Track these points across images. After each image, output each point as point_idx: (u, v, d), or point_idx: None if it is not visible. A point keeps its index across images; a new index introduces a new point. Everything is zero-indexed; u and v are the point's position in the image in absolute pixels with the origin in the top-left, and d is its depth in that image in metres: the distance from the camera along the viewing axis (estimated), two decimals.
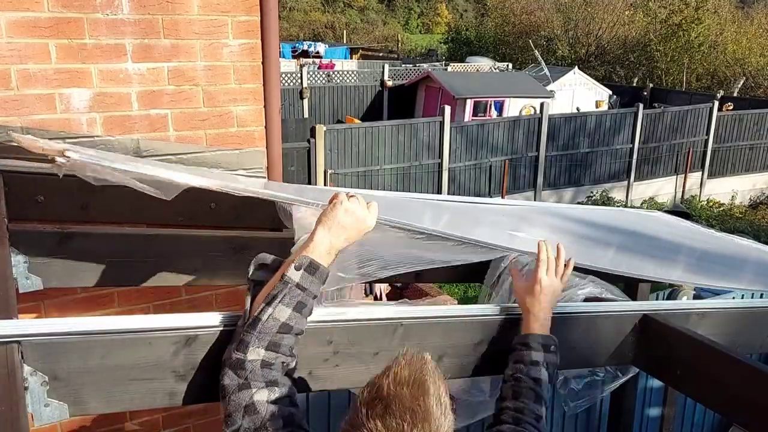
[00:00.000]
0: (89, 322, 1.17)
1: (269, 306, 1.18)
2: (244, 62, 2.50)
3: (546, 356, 1.44)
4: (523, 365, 1.43)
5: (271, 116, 2.60)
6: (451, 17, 53.53)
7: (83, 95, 2.25)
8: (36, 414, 1.12)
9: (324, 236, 1.27)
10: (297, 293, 1.20)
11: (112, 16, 2.23)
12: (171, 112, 2.41)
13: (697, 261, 2.22)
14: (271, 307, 1.17)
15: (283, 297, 1.18)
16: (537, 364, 1.42)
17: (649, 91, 20.65)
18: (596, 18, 30.61)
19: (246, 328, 1.18)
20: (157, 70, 2.35)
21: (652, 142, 14.69)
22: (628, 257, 2.02)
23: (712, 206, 15.00)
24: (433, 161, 12.67)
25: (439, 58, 32.67)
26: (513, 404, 1.38)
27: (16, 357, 1.08)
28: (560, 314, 1.59)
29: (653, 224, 2.61)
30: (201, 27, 2.39)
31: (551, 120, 13.64)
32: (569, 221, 2.32)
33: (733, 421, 1.61)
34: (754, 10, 34.24)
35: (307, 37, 40.29)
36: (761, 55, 26.12)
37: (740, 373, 1.47)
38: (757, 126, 15.60)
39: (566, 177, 14.12)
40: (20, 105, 2.15)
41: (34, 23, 2.12)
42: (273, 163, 2.64)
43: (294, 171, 10.87)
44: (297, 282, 1.20)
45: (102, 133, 2.30)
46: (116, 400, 1.19)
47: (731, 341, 1.78)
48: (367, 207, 1.35)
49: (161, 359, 1.21)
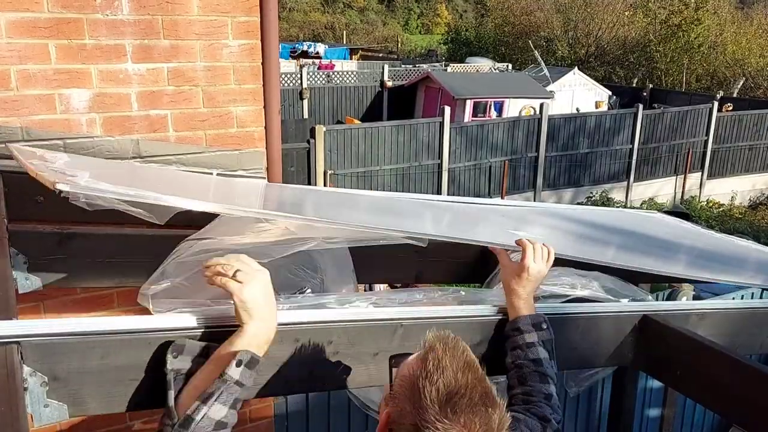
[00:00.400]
0: (89, 323, 1.17)
1: (204, 405, 1.09)
2: (244, 63, 2.50)
3: (539, 334, 1.45)
4: (520, 350, 1.44)
5: (270, 117, 2.60)
6: (451, 18, 53.55)
7: (83, 96, 2.25)
8: (35, 414, 1.12)
9: (258, 326, 1.17)
10: (235, 390, 1.12)
11: (112, 17, 2.23)
12: (171, 112, 2.41)
13: (696, 259, 2.22)
14: (206, 406, 1.09)
15: (220, 395, 1.10)
16: (533, 345, 1.44)
17: (649, 92, 20.66)
18: (596, 18, 30.63)
19: (176, 429, 1.09)
20: (156, 71, 2.35)
21: (651, 142, 14.70)
22: (628, 255, 2.03)
23: (712, 207, 15.01)
24: (433, 162, 12.67)
25: (439, 58, 32.68)
26: (521, 389, 1.40)
27: (16, 357, 1.07)
28: (560, 314, 1.59)
29: (653, 225, 2.62)
30: (201, 27, 2.39)
31: (551, 120, 13.65)
32: (570, 222, 2.33)
33: (732, 422, 1.61)
34: (753, 10, 34.28)
35: (307, 38, 40.30)
36: (761, 55, 26.14)
37: (740, 373, 1.47)
38: (757, 126, 15.61)
39: (566, 177, 14.13)
40: (20, 105, 2.15)
41: (34, 24, 2.12)
42: (273, 164, 2.64)
43: (294, 171, 10.87)
44: (236, 379, 1.12)
45: (102, 134, 2.30)
46: (116, 401, 1.19)
47: (731, 342, 1.78)
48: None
49: (161, 359, 1.21)
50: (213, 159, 2.51)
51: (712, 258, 2.26)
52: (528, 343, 1.44)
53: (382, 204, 2.39)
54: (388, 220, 2.01)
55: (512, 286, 1.51)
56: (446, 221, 2.16)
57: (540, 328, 1.46)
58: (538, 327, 1.46)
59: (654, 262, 2.00)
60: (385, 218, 2.04)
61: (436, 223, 2.07)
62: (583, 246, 2.08)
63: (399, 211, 2.17)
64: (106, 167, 2.11)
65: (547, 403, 1.36)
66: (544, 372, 1.41)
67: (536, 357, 1.42)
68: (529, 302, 1.50)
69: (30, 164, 1.46)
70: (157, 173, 2.27)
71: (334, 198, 2.47)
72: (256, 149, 2.60)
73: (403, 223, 1.99)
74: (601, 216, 2.61)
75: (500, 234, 1.93)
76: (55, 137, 2.21)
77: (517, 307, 1.49)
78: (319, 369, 1.36)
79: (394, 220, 2.03)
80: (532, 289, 1.51)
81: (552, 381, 1.41)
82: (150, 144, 2.38)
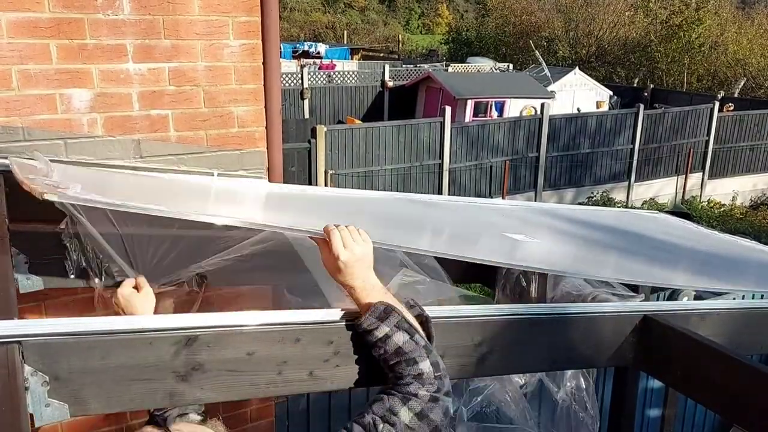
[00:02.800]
0: (90, 322, 1.17)
1: None
2: (245, 63, 2.50)
3: (389, 323, 1.31)
4: (377, 348, 1.31)
5: (271, 117, 2.60)
6: (452, 18, 53.55)
7: (84, 95, 2.25)
8: (36, 414, 1.12)
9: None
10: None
11: (113, 17, 2.23)
12: (172, 112, 2.42)
13: (702, 266, 2.22)
14: None
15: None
16: (388, 338, 1.30)
17: (650, 92, 20.65)
18: (597, 19, 30.62)
19: None
20: (157, 71, 2.36)
21: (652, 142, 14.69)
22: (632, 263, 2.02)
23: (713, 207, 14.99)
24: (434, 162, 12.67)
25: (440, 58, 32.69)
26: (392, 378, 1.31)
27: (17, 357, 1.08)
28: (560, 314, 1.59)
29: (657, 225, 2.62)
30: (202, 27, 2.39)
31: (552, 121, 13.64)
32: (571, 224, 2.33)
33: (733, 422, 1.61)
34: (754, 10, 34.24)
35: (308, 38, 40.32)
36: (762, 55, 26.11)
37: (741, 373, 1.47)
38: (758, 127, 15.60)
39: (567, 178, 14.12)
40: (21, 105, 2.15)
41: (35, 23, 2.12)
42: (273, 164, 2.64)
43: (295, 171, 10.87)
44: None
45: (103, 134, 2.30)
46: (117, 401, 1.19)
47: (732, 342, 1.78)
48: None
49: (162, 359, 1.21)
50: (214, 159, 2.51)
51: (718, 265, 2.25)
52: (381, 338, 1.30)
53: (385, 210, 2.38)
54: (391, 233, 1.98)
55: (340, 280, 1.38)
56: (445, 235, 2.16)
57: (386, 318, 1.31)
58: (384, 318, 1.31)
59: (659, 271, 1.99)
60: (388, 231, 2.02)
61: (435, 240, 2.06)
62: (587, 252, 2.07)
63: (398, 219, 2.16)
64: (101, 181, 2.11)
65: (418, 381, 1.27)
66: (410, 356, 1.29)
67: (396, 346, 1.29)
68: (367, 291, 1.35)
69: (25, 178, 1.48)
70: (152, 183, 2.26)
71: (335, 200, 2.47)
72: (257, 149, 2.60)
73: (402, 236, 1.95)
74: (604, 217, 2.60)
75: (500, 247, 1.93)
76: (56, 137, 2.21)
77: (358, 302, 1.36)
78: (319, 369, 1.36)
79: (395, 232, 2.00)
80: (363, 275, 1.37)
81: (425, 354, 1.30)
82: (151, 144, 2.38)
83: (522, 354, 1.59)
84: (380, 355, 1.32)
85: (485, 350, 1.52)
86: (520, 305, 1.60)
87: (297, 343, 1.32)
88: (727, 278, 2.14)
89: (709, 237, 2.55)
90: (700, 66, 26.74)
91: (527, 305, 1.60)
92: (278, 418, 3.27)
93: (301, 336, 1.32)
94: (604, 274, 1.82)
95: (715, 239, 2.53)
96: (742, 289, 2.08)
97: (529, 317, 1.57)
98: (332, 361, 1.36)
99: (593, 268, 1.85)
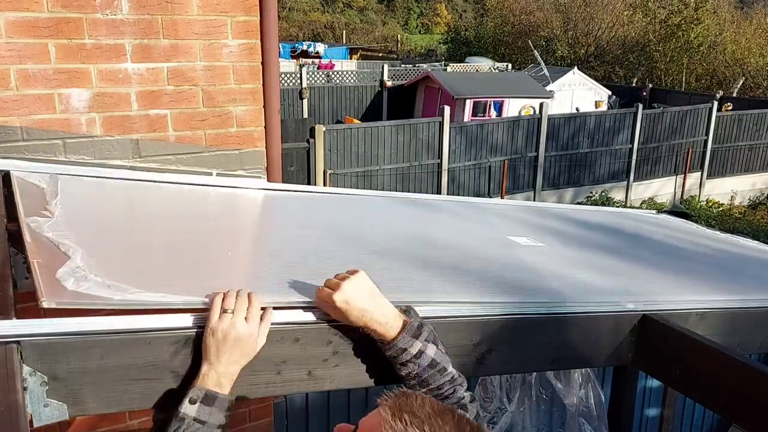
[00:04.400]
0: (89, 322, 1.17)
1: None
2: (244, 62, 2.50)
3: (421, 338, 1.30)
4: (412, 364, 1.30)
5: (270, 116, 2.60)
6: (451, 17, 53.58)
7: (82, 95, 2.25)
8: (35, 414, 1.12)
9: (208, 369, 1.20)
10: (196, 427, 1.15)
11: (112, 16, 2.23)
12: (170, 112, 2.41)
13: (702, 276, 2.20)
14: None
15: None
16: (422, 352, 1.30)
17: (649, 92, 20.67)
18: (595, 18, 30.64)
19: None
20: (156, 71, 2.35)
21: (651, 142, 14.71)
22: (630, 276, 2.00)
23: (712, 206, 15.01)
24: (433, 161, 12.68)
25: (439, 58, 32.73)
26: (428, 393, 1.30)
27: (15, 357, 1.07)
28: (560, 314, 1.59)
29: (657, 228, 2.62)
30: (200, 27, 2.39)
31: (551, 120, 13.66)
32: (572, 225, 2.32)
33: (732, 422, 1.61)
34: (753, 10, 34.27)
35: (307, 38, 40.32)
36: (760, 55, 26.15)
37: (740, 373, 1.47)
38: (757, 126, 15.62)
39: (566, 177, 14.14)
40: (19, 105, 2.15)
41: (34, 23, 2.12)
42: (272, 163, 2.64)
43: (293, 171, 10.88)
44: (194, 417, 1.15)
45: (101, 133, 2.30)
46: (115, 401, 1.19)
47: (731, 341, 1.78)
48: (259, 319, 1.25)
49: (160, 359, 1.21)
50: (213, 159, 2.51)
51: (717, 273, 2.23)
52: (416, 354, 1.30)
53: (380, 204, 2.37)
54: None
55: (350, 321, 1.31)
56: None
57: (419, 333, 1.31)
58: (417, 334, 1.31)
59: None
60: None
61: None
62: (587, 255, 2.06)
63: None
64: (103, 215, 1.98)
65: (454, 384, 1.33)
66: (441, 365, 1.32)
67: (430, 359, 1.31)
68: (382, 321, 1.30)
69: (29, 243, 1.42)
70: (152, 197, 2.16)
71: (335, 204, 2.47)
72: (256, 149, 2.60)
73: None
74: (604, 219, 2.60)
75: None
76: (55, 137, 2.21)
77: (380, 332, 1.31)
78: (318, 369, 1.36)
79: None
80: (365, 305, 1.29)
81: (448, 364, 1.33)
82: (150, 144, 2.38)
83: (521, 354, 1.59)
84: (411, 370, 1.31)
85: (484, 350, 1.52)
86: (519, 305, 1.59)
87: (296, 343, 1.32)
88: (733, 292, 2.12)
89: (711, 238, 2.55)
90: (698, 65, 26.77)
91: (526, 304, 1.60)
92: (277, 418, 3.27)
93: (300, 336, 1.32)
94: None
95: (716, 241, 2.52)
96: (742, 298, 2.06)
97: (528, 317, 1.57)
98: (331, 360, 1.36)
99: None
